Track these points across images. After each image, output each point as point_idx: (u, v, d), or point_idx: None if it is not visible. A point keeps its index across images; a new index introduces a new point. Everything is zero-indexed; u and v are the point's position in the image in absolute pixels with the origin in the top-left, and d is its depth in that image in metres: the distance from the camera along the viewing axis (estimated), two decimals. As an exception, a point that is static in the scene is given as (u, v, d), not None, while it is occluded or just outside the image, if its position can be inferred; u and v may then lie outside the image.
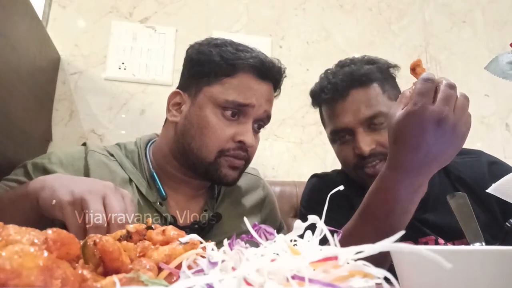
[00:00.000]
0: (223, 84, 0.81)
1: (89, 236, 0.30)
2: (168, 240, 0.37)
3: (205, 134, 0.79)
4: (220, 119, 0.80)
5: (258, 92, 0.83)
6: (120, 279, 0.26)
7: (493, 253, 0.31)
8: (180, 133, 0.83)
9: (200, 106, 0.81)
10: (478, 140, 1.76)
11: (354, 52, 1.79)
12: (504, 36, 1.94)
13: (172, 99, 0.86)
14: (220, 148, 0.79)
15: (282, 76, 0.91)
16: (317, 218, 0.33)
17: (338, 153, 0.95)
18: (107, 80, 1.51)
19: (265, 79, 0.85)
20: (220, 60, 0.82)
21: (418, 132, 0.58)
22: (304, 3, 1.78)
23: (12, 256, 0.23)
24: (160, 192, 0.82)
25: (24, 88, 1.12)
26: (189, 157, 0.82)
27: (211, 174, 0.81)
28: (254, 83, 0.83)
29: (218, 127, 0.79)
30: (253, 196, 0.97)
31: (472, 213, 0.62)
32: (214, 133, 0.79)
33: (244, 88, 0.82)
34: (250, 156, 0.85)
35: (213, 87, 0.82)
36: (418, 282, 0.34)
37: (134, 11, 1.59)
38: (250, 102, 0.81)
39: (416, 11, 1.90)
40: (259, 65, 0.84)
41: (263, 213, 0.96)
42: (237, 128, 0.81)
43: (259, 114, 0.83)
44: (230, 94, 0.80)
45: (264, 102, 0.84)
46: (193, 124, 0.81)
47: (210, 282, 0.26)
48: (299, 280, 0.25)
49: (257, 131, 0.87)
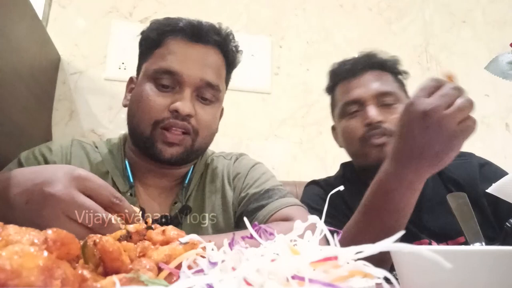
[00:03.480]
0: (154, 56, 0.79)
1: (89, 236, 0.30)
2: (168, 240, 0.37)
3: (140, 107, 0.76)
4: (153, 90, 0.76)
5: (187, 56, 0.77)
6: (120, 279, 0.26)
7: (493, 253, 0.31)
8: (127, 115, 0.81)
9: (139, 84, 0.79)
10: (478, 140, 1.76)
11: (354, 52, 1.79)
12: (504, 36, 1.94)
13: (128, 85, 0.87)
14: (154, 120, 0.74)
15: (228, 38, 0.83)
16: (317, 218, 0.33)
17: (346, 128, 0.96)
18: (107, 80, 1.51)
19: (199, 41, 0.79)
20: (151, 33, 0.81)
21: (406, 122, 0.60)
22: (304, 3, 1.78)
23: (12, 256, 0.23)
24: (128, 179, 0.79)
25: (24, 88, 1.12)
26: (135, 138, 0.79)
27: (149, 151, 0.76)
28: (183, 46, 0.78)
29: (151, 98, 0.75)
30: (224, 174, 0.88)
31: (472, 213, 0.62)
32: (147, 104, 0.75)
33: (172, 53, 0.77)
34: (198, 131, 0.77)
35: (148, 62, 0.80)
36: (418, 282, 0.34)
37: (134, 11, 1.60)
38: (177, 69, 0.75)
39: (416, 11, 1.90)
40: (186, 26, 0.78)
41: (235, 183, 0.85)
42: (172, 97, 0.76)
43: (194, 82, 0.76)
44: (157, 63, 0.77)
45: (198, 67, 0.77)
46: (133, 101, 0.79)
47: (210, 282, 0.26)
48: (299, 280, 0.25)
49: (204, 103, 0.79)
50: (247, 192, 0.82)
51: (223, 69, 0.83)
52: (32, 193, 0.47)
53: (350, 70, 0.97)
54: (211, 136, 0.83)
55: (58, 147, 0.80)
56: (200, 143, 0.79)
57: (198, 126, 0.77)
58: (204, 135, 0.79)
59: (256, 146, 1.58)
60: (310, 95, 1.70)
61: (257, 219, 0.76)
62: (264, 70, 1.67)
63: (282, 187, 0.84)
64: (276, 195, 0.79)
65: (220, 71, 0.82)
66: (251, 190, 0.82)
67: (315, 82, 1.71)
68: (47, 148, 0.79)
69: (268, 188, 0.81)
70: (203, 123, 0.78)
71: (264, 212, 0.76)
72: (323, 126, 1.68)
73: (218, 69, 0.81)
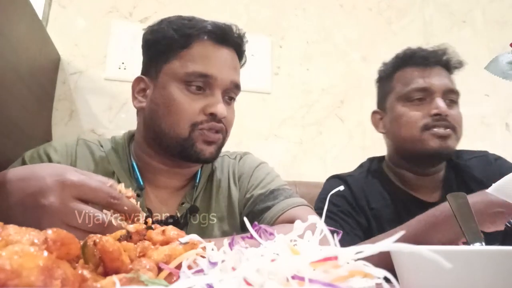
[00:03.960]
0: (181, 58, 0.78)
1: (89, 236, 0.30)
2: (168, 240, 0.37)
3: (173, 111, 0.75)
4: (185, 94, 0.76)
5: (218, 59, 0.79)
6: (120, 279, 0.26)
7: (493, 253, 0.31)
8: (148, 117, 0.80)
9: (163, 86, 0.78)
10: (478, 140, 1.75)
11: (354, 52, 1.79)
12: (504, 36, 1.94)
13: (136, 86, 0.83)
14: (192, 122, 0.75)
15: (243, 41, 0.85)
16: (317, 218, 0.33)
17: (407, 113, 0.98)
18: (107, 80, 1.50)
19: (224, 43, 0.80)
20: (173, 33, 0.79)
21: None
22: (304, 3, 1.78)
23: (12, 256, 0.23)
24: (138, 182, 0.78)
25: (24, 88, 1.12)
26: (162, 140, 0.77)
27: (187, 152, 0.76)
28: (212, 49, 0.79)
29: (185, 101, 0.75)
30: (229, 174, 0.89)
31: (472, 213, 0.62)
32: (183, 108, 0.75)
33: (202, 56, 0.77)
34: (227, 129, 0.81)
35: (172, 63, 0.78)
36: (418, 282, 0.34)
37: (134, 11, 1.59)
38: (212, 72, 0.76)
39: (416, 11, 1.90)
40: (214, 29, 0.79)
41: (240, 184, 0.87)
42: (206, 100, 0.77)
43: (225, 84, 0.78)
44: (189, 66, 0.76)
45: (227, 70, 0.79)
46: (159, 105, 0.77)
47: (210, 282, 0.26)
48: (299, 280, 0.25)
49: (228, 103, 0.82)
50: (252, 193, 0.82)
51: (239, 69, 0.86)
52: (26, 205, 0.46)
53: (424, 58, 0.99)
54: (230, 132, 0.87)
55: (63, 146, 0.79)
56: (226, 140, 0.83)
57: (227, 125, 0.81)
58: (229, 132, 0.83)
59: (256, 146, 1.58)
60: (310, 95, 1.70)
61: (263, 221, 0.77)
62: (264, 70, 1.66)
63: (287, 187, 0.84)
64: (282, 196, 0.80)
65: (239, 71, 0.85)
66: (256, 191, 0.82)
67: (315, 82, 1.71)
68: (52, 147, 0.78)
69: (273, 188, 0.82)
70: (230, 122, 0.82)
71: (270, 213, 0.77)
72: (323, 126, 1.68)
73: (238, 69, 0.84)
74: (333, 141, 1.68)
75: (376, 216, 0.97)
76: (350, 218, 0.96)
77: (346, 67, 1.76)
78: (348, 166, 1.15)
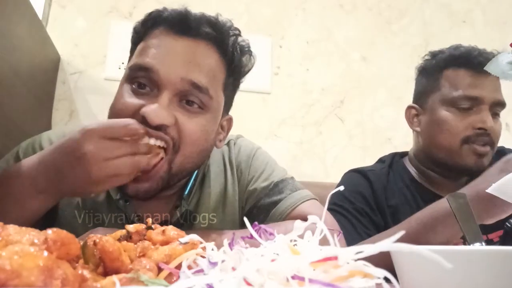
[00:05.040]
0: (135, 52, 0.67)
1: (89, 236, 0.30)
2: (168, 240, 0.37)
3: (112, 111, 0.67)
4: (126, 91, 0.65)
5: (167, 50, 0.63)
6: (120, 279, 0.26)
7: (493, 253, 0.31)
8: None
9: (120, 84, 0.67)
10: (478, 140, 1.75)
11: (354, 52, 1.79)
12: (504, 36, 1.93)
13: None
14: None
15: (224, 33, 0.69)
16: (317, 218, 0.33)
17: (449, 120, 0.92)
18: (107, 80, 1.51)
19: (185, 33, 0.64)
20: (139, 26, 0.69)
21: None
22: (304, 3, 1.78)
23: (12, 256, 0.23)
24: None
25: (24, 88, 1.12)
26: None
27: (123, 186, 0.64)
28: (165, 39, 0.64)
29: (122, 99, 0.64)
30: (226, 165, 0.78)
31: (472, 213, 0.62)
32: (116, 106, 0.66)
33: (149, 47, 0.64)
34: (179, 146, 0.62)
35: (130, 60, 0.69)
36: (418, 282, 0.34)
37: (134, 11, 1.59)
38: (152, 64, 0.61)
39: (416, 11, 1.90)
40: (170, 16, 0.65)
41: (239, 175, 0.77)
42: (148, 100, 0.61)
43: (176, 82, 0.61)
44: (133, 59, 0.66)
45: (180, 64, 0.62)
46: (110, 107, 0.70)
47: (210, 282, 0.26)
48: (299, 280, 0.25)
49: (188, 110, 0.63)
50: (255, 187, 0.75)
51: (219, 71, 0.68)
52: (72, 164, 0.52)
53: (481, 63, 0.89)
54: (200, 154, 0.67)
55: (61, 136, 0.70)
56: (182, 163, 0.63)
57: (181, 140, 0.62)
58: (189, 152, 0.63)
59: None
60: (310, 95, 1.70)
61: (271, 217, 0.71)
62: (264, 70, 1.66)
63: (289, 177, 0.78)
64: (287, 189, 0.74)
65: (215, 72, 0.66)
66: (259, 184, 0.74)
67: (315, 82, 1.71)
68: (48, 139, 0.74)
69: (277, 181, 0.75)
70: (188, 135, 0.62)
71: (279, 209, 0.71)
72: (323, 126, 1.68)
73: (210, 69, 0.65)
74: (333, 141, 1.68)
75: (394, 214, 0.94)
76: (363, 216, 0.92)
77: (346, 67, 1.76)
78: (348, 166, 1.15)
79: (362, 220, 0.92)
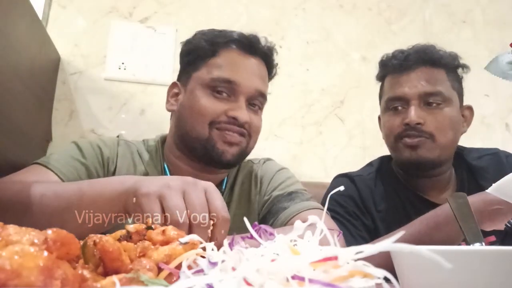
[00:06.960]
0: (208, 65, 0.83)
1: (89, 236, 0.30)
2: (168, 240, 0.37)
3: (196, 112, 0.80)
4: (210, 97, 0.81)
5: (243, 67, 0.83)
6: (120, 279, 0.26)
7: (493, 253, 0.31)
8: (177, 120, 0.85)
9: (191, 92, 0.83)
10: (478, 140, 1.75)
11: (354, 52, 1.79)
12: (504, 36, 1.93)
13: (170, 90, 0.90)
14: (210, 120, 0.80)
15: (272, 52, 0.90)
16: (317, 218, 0.33)
17: (386, 122, 0.98)
18: (107, 80, 1.51)
19: (251, 53, 0.85)
20: (204, 43, 0.85)
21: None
22: (304, 3, 1.78)
23: (12, 256, 0.23)
24: None
25: (24, 88, 1.12)
26: (187, 142, 0.82)
27: (210, 154, 0.79)
28: (238, 57, 0.84)
29: (209, 103, 0.80)
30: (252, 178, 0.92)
31: (472, 213, 0.62)
32: (204, 108, 0.80)
33: (228, 64, 0.82)
34: (251, 135, 0.84)
35: (200, 71, 0.84)
36: (418, 282, 0.34)
37: (134, 11, 1.59)
38: (236, 78, 0.81)
39: (416, 11, 1.90)
40: (241, 39, 0.84)
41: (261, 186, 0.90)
42: (229, 105, 0.81)
43: (249, 91, 0.82)
44: (214, 72, 0.82)
45: (252, 78, 0.83)
46: (186, 108, 0.83)
47: (210, 282, 0.26)
48: (299, 280, 0.25)
49: (253, 110, 0.85)
50: (271, 195, 0.86)
51: (267, 79, 0.90)
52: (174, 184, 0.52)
53: (400, 65, 0.97)
54: (257, 141, 0.89)
55: (111, 143, 0.84)
56: (251, 146, 0.86)
57: (251, 131, 0.84)
58: (255, 139, 0.87)
59: (256, 146, 1.57)
60: (310, 95, 1.70)
61: (278, 221, 0.79)
62: (264, 70, 1.67)
63: (306, 191, 0.87)
64: (299, 198, 0.82)
65: (266, 81, 0.89)
66: (275, 193, 0.86)
67: (315, 82, 1.71)
68: (102, 141, 0.83)
69: (291, 190, 0.85)
70: (254, 128, 0.85)
71: (285, 214, 0.79)
72: (323, 126, 1.68)
73: (265, 79, 0.89)
74: (333, 141, 1.68)
75: (383, 218, 0.95)
76: (356, 219, 0.94)
77: (346, 67, 1.76)
78: (348, 166, 1.15)
79: (355, 223, 0.94)
